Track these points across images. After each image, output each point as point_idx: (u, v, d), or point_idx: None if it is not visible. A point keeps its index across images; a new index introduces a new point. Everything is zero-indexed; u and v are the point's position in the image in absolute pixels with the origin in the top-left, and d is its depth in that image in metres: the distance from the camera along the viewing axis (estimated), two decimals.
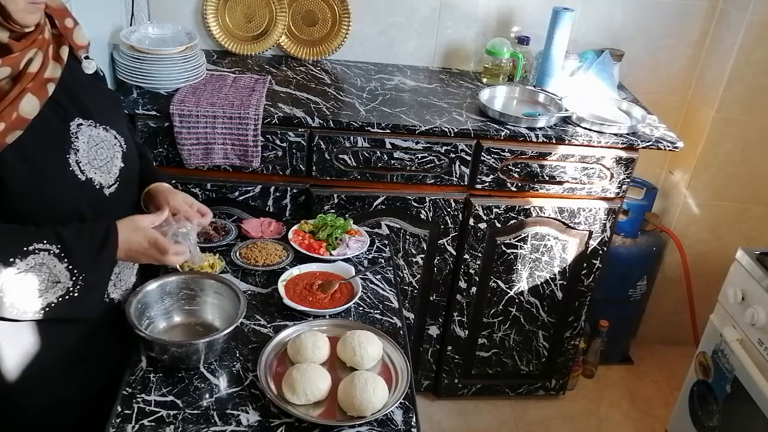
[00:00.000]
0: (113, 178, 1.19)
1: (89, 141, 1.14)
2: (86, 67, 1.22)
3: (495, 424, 2.41)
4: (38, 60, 1.07)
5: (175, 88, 1.93)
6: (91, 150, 1.14)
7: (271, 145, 1.89)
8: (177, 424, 1.09)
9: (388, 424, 1.13)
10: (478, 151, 1.97)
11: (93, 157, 1.14)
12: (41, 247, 1.05)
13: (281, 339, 1.27)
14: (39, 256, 1.04)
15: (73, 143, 1.11)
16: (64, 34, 1.15)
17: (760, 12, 2.22)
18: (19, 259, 1.03)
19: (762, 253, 1.92)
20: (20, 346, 1.12)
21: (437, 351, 2.33)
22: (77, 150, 1.12)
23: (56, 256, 1.06)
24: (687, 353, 2.39)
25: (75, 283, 1.08)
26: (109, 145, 1.18)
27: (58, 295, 1.08)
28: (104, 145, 1.17)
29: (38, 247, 1.04)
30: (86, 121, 1.15)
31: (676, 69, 2.47)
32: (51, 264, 1.05)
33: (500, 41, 2.25)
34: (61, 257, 1.06)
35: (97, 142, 1.15)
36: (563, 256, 2.19)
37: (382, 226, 2.04)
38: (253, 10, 2.25)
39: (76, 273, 1.08)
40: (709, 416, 2.03)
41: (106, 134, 1.18)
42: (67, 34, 1.16)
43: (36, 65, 1.06)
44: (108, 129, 1.19)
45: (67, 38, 1.16)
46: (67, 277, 1.07)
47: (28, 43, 1.04)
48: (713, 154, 2.46)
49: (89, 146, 1.14)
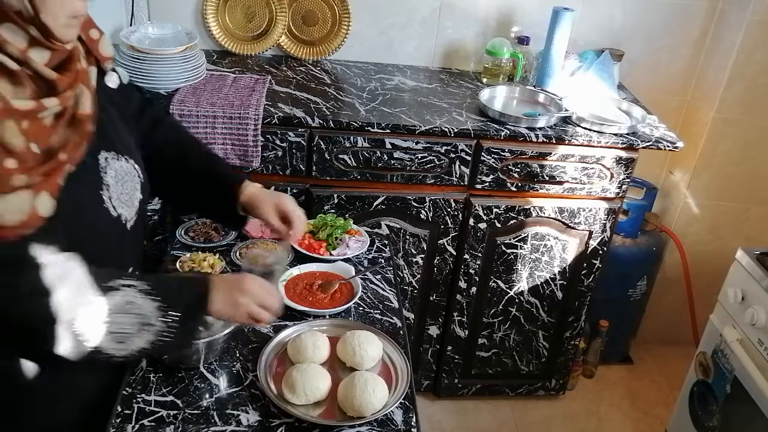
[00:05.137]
0: (134, 211, 1.13)
1: (116, 175, 1.09)
2: (109, 80, 1.15)
3: (495, 424, 2.41)
4: (87, 98, 1.00)
5: (175, 88, 1.93)
6: (118, 184, 1.09)
7: (271, 145, 1.89)
8: (177, 424, 1.09)
9: (388, 424, 1.13)
10: (478, 151, 1.97)
11: (120, 192, 1.09)
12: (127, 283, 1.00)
13: (281, 339, 1.27)
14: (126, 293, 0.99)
15: (103, 179, 1.06)
16: (90, 46, 1.08)
17: (760, 12, 2.22)
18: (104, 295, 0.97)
19: (762, 253, 1.92)
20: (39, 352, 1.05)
21: (437, 351, 2.33)
22: (108, 185, 1.06)
23: (143, 292, 1.01)
24: (687, 353, 2.39)
25: (165, 323, 1.02)
26: (131, 178, 1.13)
27: (149, 340, 1.02)
28: (128, 179, 1.12)
29: (123, 283, 1.00)
30: (110, 153, 1.09)
31: (676, 69, 2.47)
32: (139, 302, 1.00)
33: (500, 41, 2.25)
34: (149, 294, 1.01)
35: (122, 176, 1.10)
36: (563, 256, 2.19)
37: (382, 226, 2.04)
38: (253, 10, 2.25)
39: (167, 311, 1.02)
40: (709, 416, 2.03)
41: (128, 165, 1.12)
42: (93, 46, 1.09)
43: (87, 106, 1.00)
44: (128, 159, 1.13)
45: (93, 51, 1.09)
46: (157, 317, 1.01)
47: (71, 76, 0.98)
48: (713, 154, 2.46)
49: (116, 180, 1.08)
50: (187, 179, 1.32)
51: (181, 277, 1.13)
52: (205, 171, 1.32)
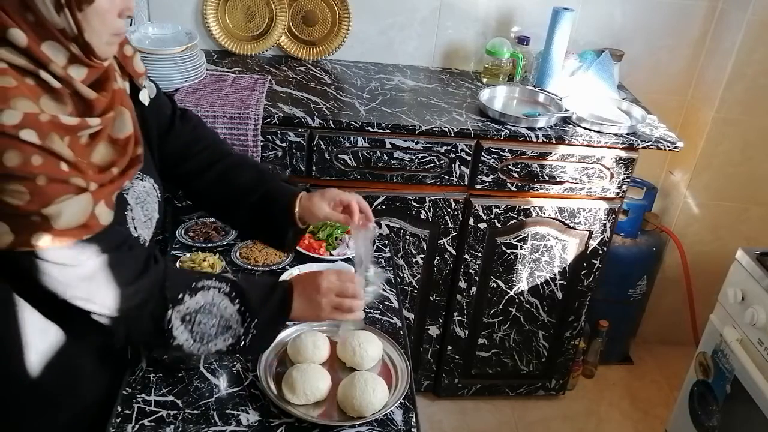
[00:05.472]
0: (151, 231, 1.12)
1: (138, 196, 1.07)
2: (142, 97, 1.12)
3: (495, 424, 2.41)
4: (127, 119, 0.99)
5: (175, 88, 1.93)
6: (138, 206, 1.07)
7: (271, 145, 1.89)
8: (177, 424, 1.09)
9: (388, 424, 1.13)
10: (478, 151, 1.97)
11: (140, 213, 1.08)
12: (211, 284, 1.02)
13: (281, 339, 1.27)
14: (209, 294, 1.01)
15: (127, 200, 1.05)
16: (124, 63, 1.08)
17: (760, 12, 2.22)
18: (190, 296, 1.00)
19: (762, 253, 1.92)
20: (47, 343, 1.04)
21: (437, 351, 2.33)
22: (132, 207, 1.05)
23: (227, 295, 1.03)
24: (687, 353, 2.39)
25: (247, 329, 1.04)
26: (152, 199, 1.11)
27: (229, 344, 1.04)
28: (149, 200, 1.10)
29: (207, 284, 1.02)
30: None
31: (676, 69, 2.47)
32: (222, 303, 1.02)
33: (500, 41, 2.25)
34: (233, 298, 1.03)
35: (144, 197, 1.09)
36: (563, 256, 2.19)
37: (382, 226, 2.04)
38: (253, 10, 2.25)
39: (249, 317, 1.04)
40: (709, 416, 2.03)
41: (149, 186, 1.11)
42: (127, 63, 1.09)
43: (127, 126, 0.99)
44: (148, 178, 1.11)
45: (127, 67, 1.08)
46: (238, 322, 1.03)
47: (108, 96, 0.97)
48: (713, 154, 2.46)
49: (136, 202, 1.07)
50: (243, 193, 1.26)
51: (267, 283, 1.12)
52: (264, 189, 1.25)
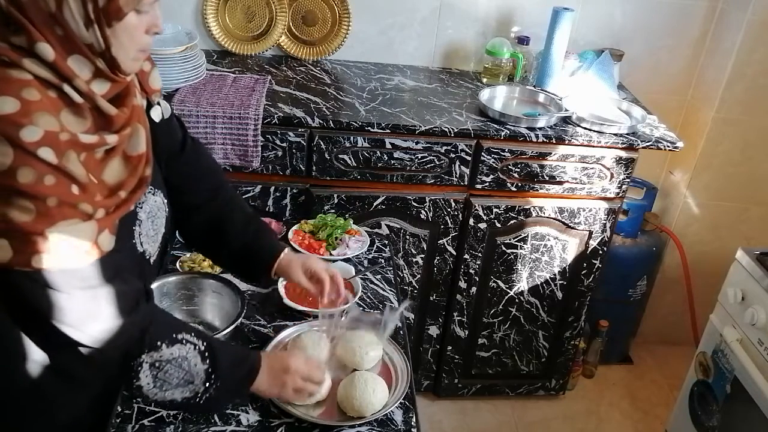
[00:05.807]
0: (157, 246, 1.12)
1: (150, 210, 1.07)
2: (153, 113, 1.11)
3: (495, 424, 2.41)
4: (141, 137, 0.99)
5: (175, 88, 1.93)
6: (148, 221, 1.07)
7: (271, 145, 1.89)
8: (177, 424, 1.09)
9: (388, 424, 1.13)
10: (478, 151, 1.97)
11: (149, 228, 1.08)
12: (189, 339, 1.01)
13: (281, 339, 1.27)
14: (185, 348, 1.00)
15: (138, 214, 1.04)
16: (141, 78, 1.06)
17: (760, 12, 2.22)
18: (167, 345, 0.99)
19: (762, 253, 1.92)
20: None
21: (437, 351, 2.33)
22: (141, 221, 1.05)
23: (200, 354, 1.01)
24: (687, 353, 2.39)
25: (207, 389, 1.03)
26: (161, 213, 1.11)
27: (185, 396, 1.02)
28: (159, 214, 1.10)
29: (186, 338, 1.01)
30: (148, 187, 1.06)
31: (676, 69, 2.47)
32: (193, 360, 1.01)
33: (500, 41, 2.25)
34: (204, 357, 1.02)
35: (154, 212, 1.08)
36: (563, 256, 2.19)
37: (382, 226, 2.04)
38: (253, 10, 2.25)
39: (213, 378, 1.03)
40: (709, 416, 2.03)
41: (159, 200, 1.11)
42: (144, 78, 1.07)
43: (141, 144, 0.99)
44: (159, 193, 1.11)
45: (142, 83, 1.07)
46: (201, 380, 1.02)
47: (128, 112, 0.97)
48: (713, 154, 2.46)
49: (147, 216, 1.06)
50: (227, 242, 1.27)
51: (240, 352, 1.12)
52: (247, 243, 1.27)
